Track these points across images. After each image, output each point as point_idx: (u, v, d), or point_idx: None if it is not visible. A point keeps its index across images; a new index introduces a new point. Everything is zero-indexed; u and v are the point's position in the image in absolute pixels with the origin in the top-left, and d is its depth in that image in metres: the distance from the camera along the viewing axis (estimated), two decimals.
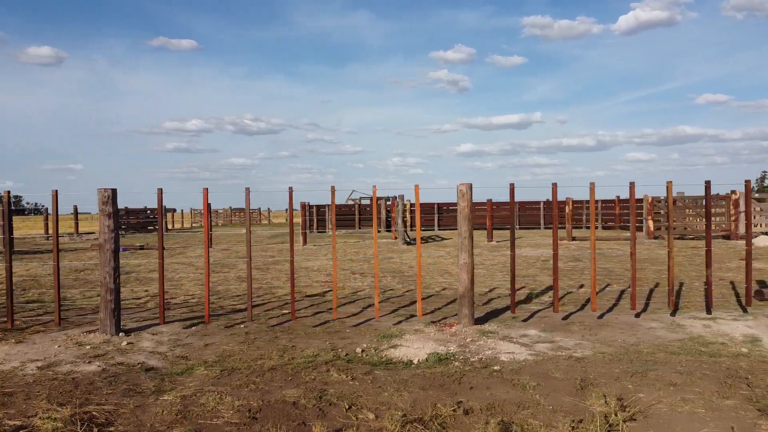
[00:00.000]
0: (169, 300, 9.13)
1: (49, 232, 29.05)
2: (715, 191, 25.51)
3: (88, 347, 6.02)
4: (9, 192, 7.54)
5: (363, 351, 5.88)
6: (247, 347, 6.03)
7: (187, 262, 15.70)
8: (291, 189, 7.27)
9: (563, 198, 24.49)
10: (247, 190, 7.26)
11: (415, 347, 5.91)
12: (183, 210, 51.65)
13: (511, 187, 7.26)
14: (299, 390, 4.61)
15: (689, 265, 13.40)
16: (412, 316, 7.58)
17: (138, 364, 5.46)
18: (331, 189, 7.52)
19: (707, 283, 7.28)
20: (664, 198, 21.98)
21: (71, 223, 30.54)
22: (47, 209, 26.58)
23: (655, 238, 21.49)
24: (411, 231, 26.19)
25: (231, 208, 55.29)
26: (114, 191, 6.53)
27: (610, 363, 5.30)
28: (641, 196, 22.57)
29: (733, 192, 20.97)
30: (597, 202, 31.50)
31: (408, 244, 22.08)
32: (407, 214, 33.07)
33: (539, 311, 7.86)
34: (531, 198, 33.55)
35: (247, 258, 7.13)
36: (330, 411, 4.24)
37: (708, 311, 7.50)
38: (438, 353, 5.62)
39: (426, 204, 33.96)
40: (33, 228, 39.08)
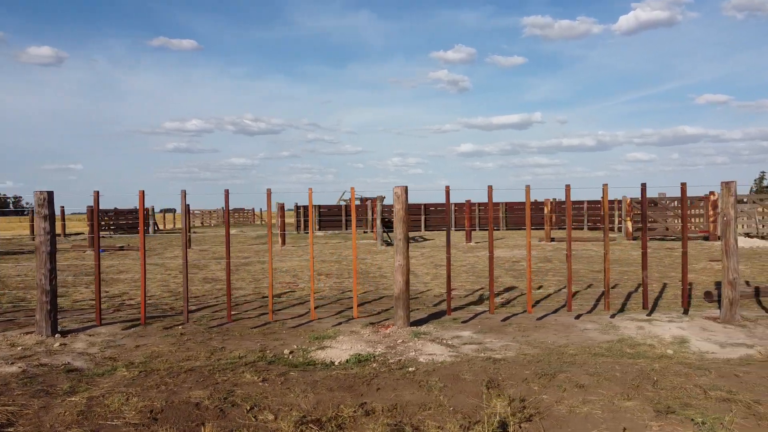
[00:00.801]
0: (122, 302, 9.18)
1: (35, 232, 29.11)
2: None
3: (19, 348, 6.07)
4: None
5: (291, 353, 5.93)
6: (177, 348, 6.08)
7: (161, 263, 15.74)
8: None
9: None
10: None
11: (343, 348, 5.96)
12: (177, 210, 51.71)
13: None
14: (207, 391, 4.65)
15: (657, 266, 13.45)
16: (352, 318, 7.63)
17: (62, 365, 5.51)
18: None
19: (643, 285, 7.33)
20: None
21: (68, 224, 30.57)
22: (32, 209, 26.64)
23: (634, 239, 21.53)
24: None
25: (223, 208, 55.27)
26: (50, 194, 6.58)
27: (526, 364, 5.34)
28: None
29: (712, 193, 21.01)
30: (583, 202, 31.52)
31: (388, 245, 22.12)
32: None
33: (484, 312, 7.90)
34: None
35: (183, 260, 7.17)
36: (231, 412, 4.29)
37: (649, 313, 7.55)
38: (360, 355, 5.67)
39: (413, 205, 34.00)
40: (28, 228, 39.11)
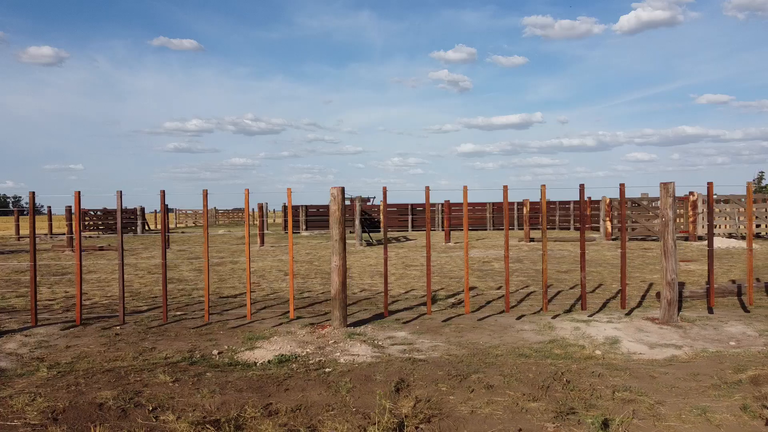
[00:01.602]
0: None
1: (21, 232, 29.12)
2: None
3: None
4: None
5: (219, 353, 5.94)
6: (107, 349, 6.09)
7: (134, 263, 15.75)
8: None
9: (541, 197, 24.53)
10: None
11: (271, 349, 5.97)
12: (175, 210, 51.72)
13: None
14: (116, 391, 4.66)
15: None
16: (299, 317, 7.64)
17: None
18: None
19: (581, 286, 7.34)
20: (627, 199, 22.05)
21: (62, 224, 30.57)
22: (22, 209, 26.64)
23: (614, 239, 21.54)
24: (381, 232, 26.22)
25: (216, 208, 55.30)
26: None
27: (444, 365, 5.35)
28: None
29: (691, 193, 21.02)
30: (569, 203, 31.52)
31: (369, 245, 22.13)
32: (380, 215, 33.12)
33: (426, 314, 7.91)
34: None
35: (120, 262, 7.17)
36: (133, 412, 4.30)
37: (592, 314, 7.57)
38: (283, 355, 5.68)
39: (400, 205, 34.02)
40: (23, 228, 39.07)
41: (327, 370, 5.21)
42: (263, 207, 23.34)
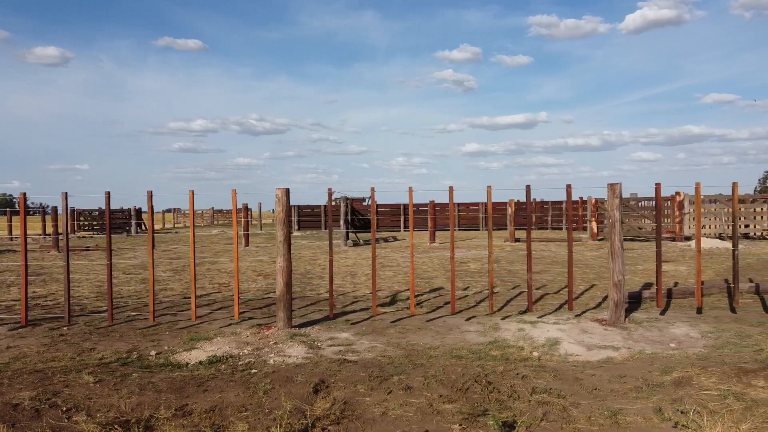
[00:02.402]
0: (37, 303, 9.24)
1: (13, 233, 29.27)
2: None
3: None
4: None
5: (158, 354, 5.97)
6: (47, 350, 6.13)
7: (114, 263, 15.80)
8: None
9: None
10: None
11: (209, 350, 6.00)
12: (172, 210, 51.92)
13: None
14: (35, 392, 4.69)
15: (601, 267, 13.41)
16: (250, 318, 7.67)
17: None
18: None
19: (528, 288, 7.33)
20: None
21: (61, 225, 30.66)
22: (8, 210, 26.77)
23: (600, 239, 21.48)
24: (378, 231, 26.22)
25: (213, 209, 55.44)
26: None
27: (371, 367, 5.36)
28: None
29: (678, 194, 20.94)
30: (562, 203, 31.43)
31: (355, 245, 22.14)
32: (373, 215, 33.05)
33: (387, 314, 7.92)
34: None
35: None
36: (47, 413, 4.32)
37: (542, 315, 7.56)
38: (215, 356, 5.71)
39: (393, 205, 34.03)
40: (17, 228, 39.28)
41: (253, 371, 5.23)
42: (258, 206, 23.34)
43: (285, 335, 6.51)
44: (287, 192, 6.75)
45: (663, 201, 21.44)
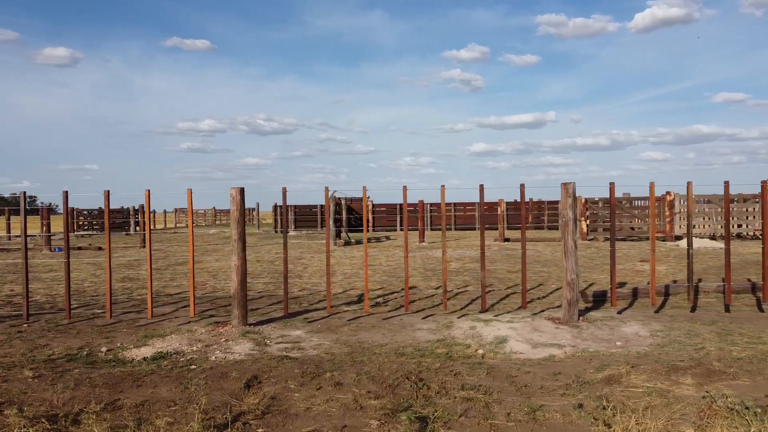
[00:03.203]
0: (10, 300, 9.38)
1: (11, 231, 29.57)
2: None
3: None
4: None
5: (108, 350, 6.07)
6: (1, 346, 6.24)
7: (99, 262, 15.98)
8: (189, 190, 7.50)
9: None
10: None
11: (159, 346, 6.09)
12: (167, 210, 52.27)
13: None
14: None
15: (581, 265, 13.40)
16: (212, 315, 7.77)
17: None
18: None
19: (482, 286, 7.38)
20: (600, 199, 21.96)
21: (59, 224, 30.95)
22: (6, 209, 27.09)
23: (590, 239, 21.45)
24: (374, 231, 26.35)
25: (215, 208, 55.73)
26: None
27: (309, 363, 5.43)
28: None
29: (668, 193, 20.88)
30: (557, 203, 31.44)
31: (348, 244, 22.23)
32: (370, 214, 33.25)
33: (345, 312, 7.99)
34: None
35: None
36: None
37: (499, 314, 7.61)
38: (161, 352, 5.81)
39: (390, 205, 34.11)
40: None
41: (192, 367, 5.32)
42: (256, 206, 23.46)
43: (238, 333, 6.60)
44: (242, 191, 6.84)
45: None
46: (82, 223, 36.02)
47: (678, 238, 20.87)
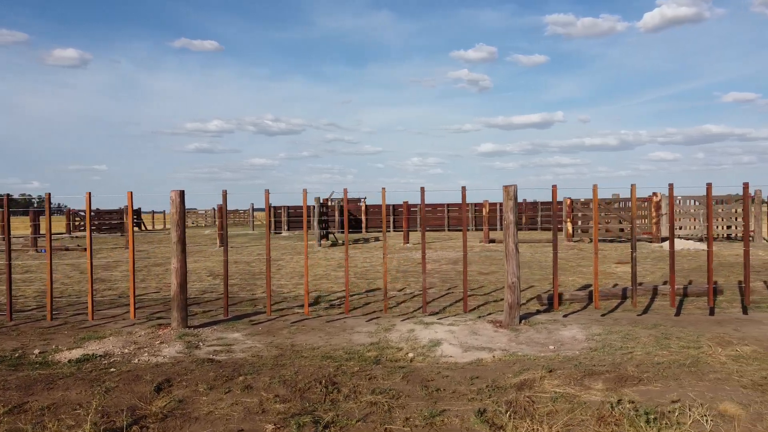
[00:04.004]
0: None
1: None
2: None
3: None
4: None
5: (41, 352, 6.11)
6: None
7: (79, 263, 16.08)
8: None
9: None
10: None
11: (91, 348, 6.12)
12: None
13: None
14: None
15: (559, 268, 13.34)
16: (159, 318, 7.79)
17: None
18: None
19: (423, 290, 7.36)
20: (586, 200, 21.86)
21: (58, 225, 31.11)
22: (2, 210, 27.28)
23: (576, 240, 21.35)
24: (368, 232, 26.31)
25: (215, 209, 55.85)
26: None
27: (229, 367, 5.44)
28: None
29: (654, 194, 20.76)
30: (549, 203, 31.23)
31: (334, 245, 22.25)
32: (362, 215, 33.28)
33: (290, 315, 8.00)
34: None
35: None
36: None
37: (444, 316, 7.59)
38: (87, 354, 5.84)
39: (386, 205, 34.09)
40: (15, 229, 40.07)
41: (111, 370, 5.35)
42: (250, 207, 23.49)
43: (175, 335, 6.62)
44: (182, 194, 6.86)
45: (641, 202, 21.25)
46: (78, 224, 36.24)
47: (664, 239, 20.73)
